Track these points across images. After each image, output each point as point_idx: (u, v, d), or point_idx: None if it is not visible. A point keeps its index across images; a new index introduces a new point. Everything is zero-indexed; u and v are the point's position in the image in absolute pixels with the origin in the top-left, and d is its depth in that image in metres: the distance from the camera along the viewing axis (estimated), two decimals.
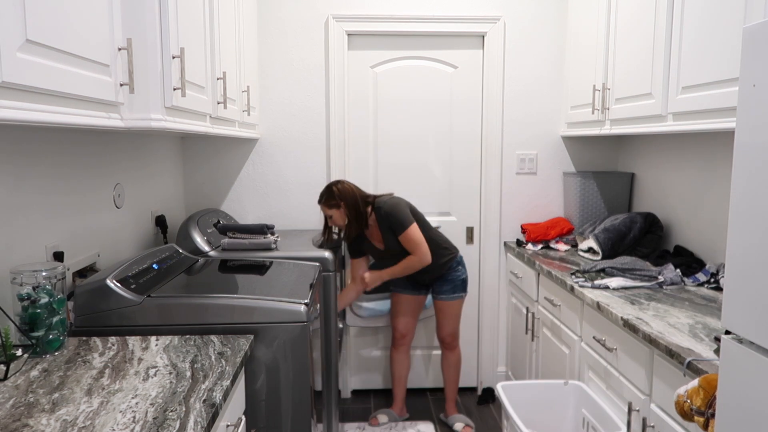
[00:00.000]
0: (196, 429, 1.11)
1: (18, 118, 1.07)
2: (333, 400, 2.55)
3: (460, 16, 3.16)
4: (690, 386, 1.33)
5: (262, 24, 3.14)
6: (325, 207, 2.75)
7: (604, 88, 2.64)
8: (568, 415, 2.20)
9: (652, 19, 2.23)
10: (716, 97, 1.82)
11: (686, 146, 2.64)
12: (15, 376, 1.34)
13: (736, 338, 1.10)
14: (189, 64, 1.81)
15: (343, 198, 2.71)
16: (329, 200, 2.73)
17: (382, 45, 3.22)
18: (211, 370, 1.39)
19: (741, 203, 1.08)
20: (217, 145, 3.20)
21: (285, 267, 2.21)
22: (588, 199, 3.13)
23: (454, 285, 2.87)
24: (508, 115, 3.27)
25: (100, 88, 1.38)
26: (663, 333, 1.67)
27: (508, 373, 3.37)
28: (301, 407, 1.74)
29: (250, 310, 1.70)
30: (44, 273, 1.49)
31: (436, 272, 2.84)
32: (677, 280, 2.22)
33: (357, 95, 3.24)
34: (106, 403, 1.20)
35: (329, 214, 2.75)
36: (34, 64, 1.11)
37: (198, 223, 2.58)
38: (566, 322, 2.42)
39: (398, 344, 3.00)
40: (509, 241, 3.31)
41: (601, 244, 2.71)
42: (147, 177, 2.62)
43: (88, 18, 1.32)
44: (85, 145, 2.03)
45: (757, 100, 1.04)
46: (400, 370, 3.03)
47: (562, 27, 3.22)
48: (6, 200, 1.58)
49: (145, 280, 1.84)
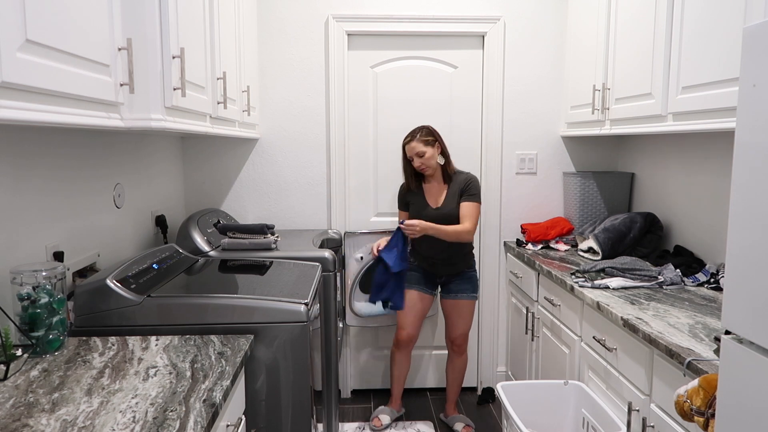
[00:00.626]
0: (196, 429, 1.11)
1: (18, 118, 1.08)
2: (333, 400, 2.55)
3: (460, 16, 3.16)
4: (690, 386, 1.33)
5: (262, 24, 3.14)
6: (419, 143, 2.67)
7: (604, 88, 2.64)
8: (568, 415, 2.20)
9: (652, 19, 2.23)
10: (716, 97, 1.82)
11: (686, 146, 2.64)
12: (15, 376, 1.34)
13: (736, 338, 1.10)
14: (189, 64, 1.81)
15: (439, 137, 2.70)
16: (427, 136, 2.69)
17: (382, 45, 3.22)
18: (211, 370, 1.39)
19: (741, 203, 1.08)
20: (217, 145, 3.20)
21: (285, 267, 2.21)
22: (588, 199, 3.13)
23: (472, 284, 2.84)
24: (508, 115, 3.27)
25: (100, 88, 1.38)
26: (663, 333, 1.67)
27: (508, 373, 3.37)
28: (301, 407, 1.74)
29: (250, 310, 1.70)
30: (44, 273, 1.49)
31: (459, 268, 2.81)
32: (677, 280, 2.22)
33: (357, 95, 3.24)
34: (106, 403, 1.20)
35: (422, 151, 2.66)
36: (34, 64, 1.11)
37: (198, 223, 2.58)
38: (566, 322, 2.42)
39: (402, 345, 2.92)
40: (509, 241, 3.30)
41: (601, 244, 2.71)
42: (147, 177, 2.62)
43: (88, 18, 1.32)
44: (85, 145, 2.03)
45: (757, 100, 1.04)
46: (400, 371, 2.99)
47: (562, 27, 3.22)
48: (6, 200, 1.58)
49: (145, 280, 1.84)
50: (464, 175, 2.78)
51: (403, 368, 3.00)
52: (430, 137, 2.70)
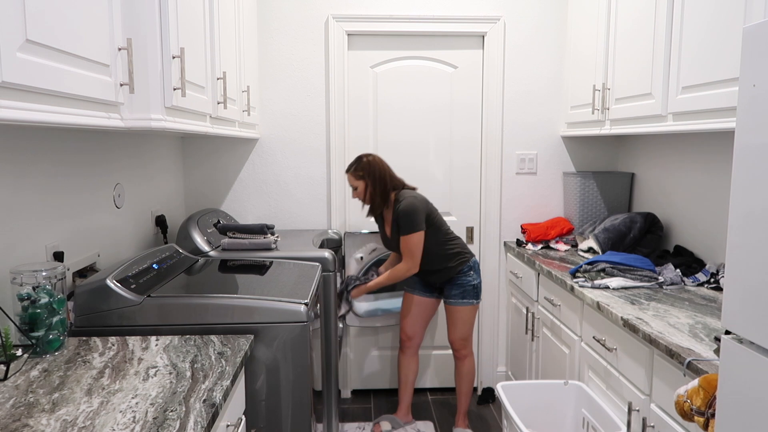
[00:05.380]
0: (196, 429, 1.11)
1: (18, 118, 1.07)
2: (333, 400, 2.55)
3: (460, 16, 3.16)
4: (690, 386, 1.33)
5: (262, 24, 3.14)
6: (351, 176, 2.68)
7: (604, 88, 2.64)
8: (568, 415, 2.20)
9: (652, 19, 2.23)
10: (716, 97, 1.82)
11: (686, 146, 2.64)
12: (15, 376, 1.34)
13: (736, 338, 1.10)
14: (189, 64, 1.81)
15: (370, 173, 2.64)
16: (357, 171, 2.67)
17: (382, 45, 3.22)
18: (211, 370, 1.39)
19: (741, 203, 1.08)
20: (217, 145, 3.20)
21: (285, 267, 2.21)
22: (588, 199, 3.13)
23: (463, 290, 2.73)
24: (508, 115, 3.27)
25: (100, 88, 1.38)
26: (663, 333, 1.67)
27: (508, 373, 3.37)
28: (301, 407, 1.74)
29: (250, 310, 1.70)
30: (44, 273, 1.49)
31: (445, 275, 2.74)
32: (677, 280, 2.22)
33: (357, 95, 3.24)
34: (106, 403, 1.20)
35: (354, 185, 2.68)
36: (34, 64, 1.11)
37: (198, 223, 2.58)
38: (566, 322, 2.42)
39: (405, 347, 2.90)
40: (509, 241, 3.31)
41: (601, 244, 2.71)
42: (147, 177, 2.62)
43: (88, 18, 1.32)
44: (85, 145, 2.03)
45: (757, 100, 1.04)
46: (407, 374, 2.93)
47: (563, 27, 3.22)
48: (6, 200, 1.58)
49: (145, 280, 1.84)
50: (399, 204, 2.62)
51: (410, 372, 2.93)
52: (360, 172, 2.66)
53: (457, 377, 2.91)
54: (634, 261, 2.31)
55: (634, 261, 2.31)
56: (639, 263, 2.29)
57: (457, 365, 2.90)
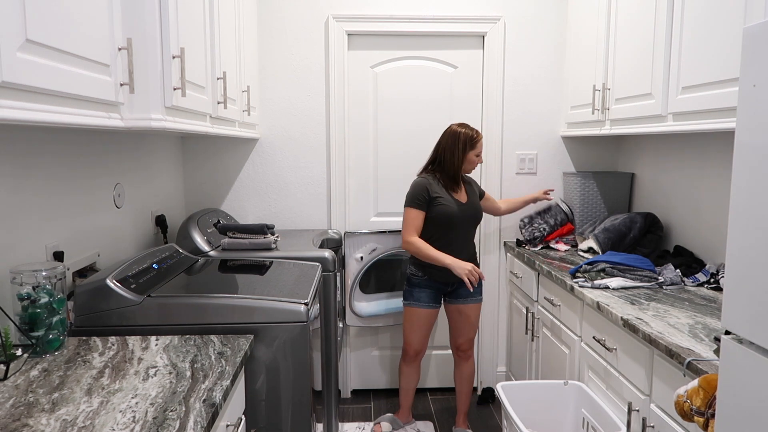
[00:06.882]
0: (196, 429, 1.11)
1: (18, 118, 1.07)
2: (333, 400, 2.55)
3: (460, 16, 3.16)
4: (690, 386, 1.33)
5: (262, 24, 3.14)
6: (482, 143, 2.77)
7: (604, 88, 2.64)
8: (568, 415, 2.20)
9: (652, 19, 2.23)
10: (716, 97, 1.82)
11: (686, 146, 2.64)
12: (15, 375, 1.34)
13: (736, 338, 1.10)
14: (189, 64, 1.81)
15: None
16: None
17: (382, 45, 3.22)
18: (211, 370, 1.39)
19: (741, 203, 1.08)
20: (217, 145, 3.20)
21: (285, 267, 2.21)
22: (588, 199, 3.13)
23: (480, 285, 2.73)
24: (508, 115, 3.27)
25: (100, 88, 1.38)
26: (663, 333, 1.67)
27: (508, 373, 3.37)
28: (301, 407, 1.74)
29: (250, 310, 1.70)
30: (44, 273, 1.49)
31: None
32: (677, 280, 2.22)
33: (357, 95, 3.24)
34: (106, 403, 1.20)
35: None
36: (34, 64, 1.11)
37: (198, 223, 2.58)
38: (566, 322, 2.42)
39: (409, 359, 2.84)
40: (509, 241, 3.30)
41: (601, 244, 2.71)
42: (147, 177, 2.62)
43: (88, 18, 1.32)
44: (85, 145, 2.03)
45: (757, 100, 1.04)
46: (410, 383, 2.91)
47: (562, 27, 3.22)
48: (6, 200, 1.58)
49: (145, 280, 1.84)
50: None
51: (412, 380, 2.91)
52: None
53: (459, 378, 2.90)
54: (634, 261, 2.31)
55: (634, 261, 2.31)
56: (639, 263, 2.29)
57: (460, 366, 2.88)
